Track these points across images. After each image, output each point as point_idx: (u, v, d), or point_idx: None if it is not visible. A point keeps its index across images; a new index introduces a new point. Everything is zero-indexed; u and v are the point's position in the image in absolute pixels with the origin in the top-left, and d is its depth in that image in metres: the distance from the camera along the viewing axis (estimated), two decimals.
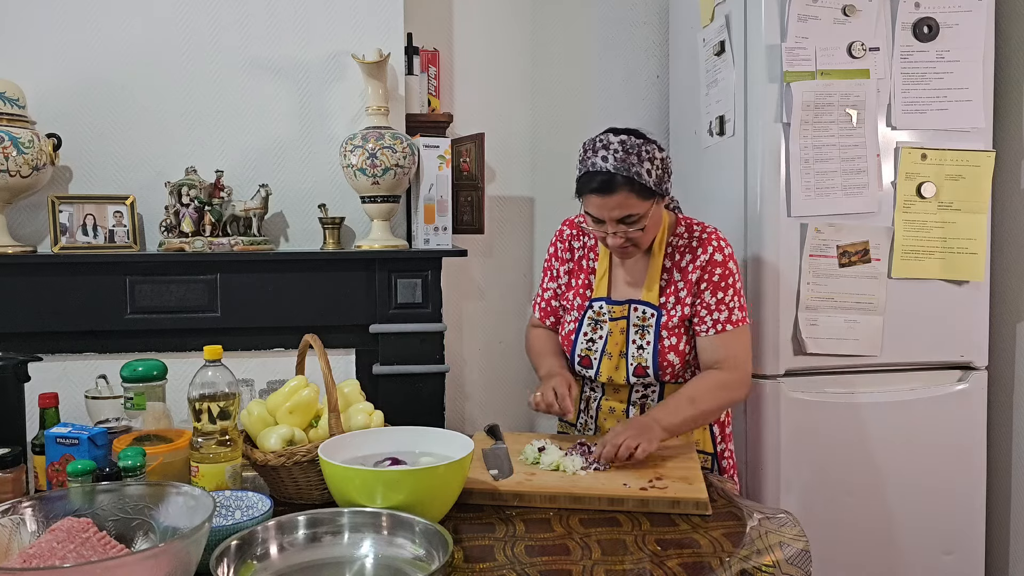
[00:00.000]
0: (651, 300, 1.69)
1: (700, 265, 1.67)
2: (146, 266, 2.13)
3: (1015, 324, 2.30)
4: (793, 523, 1.30)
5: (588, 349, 1.73)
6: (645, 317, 1.69)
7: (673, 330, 1.68)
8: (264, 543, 1.10)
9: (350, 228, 2.34)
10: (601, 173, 1.56)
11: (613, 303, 1.72)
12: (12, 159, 2.00)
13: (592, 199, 1.59)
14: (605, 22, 2.80)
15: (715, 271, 1.67)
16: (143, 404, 1.51)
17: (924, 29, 2.10)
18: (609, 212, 1.58)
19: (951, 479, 2.18)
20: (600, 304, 1.73)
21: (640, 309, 1.70)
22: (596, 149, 1.58)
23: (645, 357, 1.68)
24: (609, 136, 1.59)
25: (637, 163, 1.55)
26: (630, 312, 1.71)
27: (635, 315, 1.70)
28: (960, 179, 2.12)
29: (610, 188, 1.55)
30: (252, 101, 2.28)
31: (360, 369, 2.26)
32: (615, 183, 1.55)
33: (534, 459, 1.51)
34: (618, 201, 1.56)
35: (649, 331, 1.68)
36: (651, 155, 1.57)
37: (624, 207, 1.57)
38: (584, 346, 1.74)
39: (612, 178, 1.55)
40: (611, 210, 1.58)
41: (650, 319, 1.69)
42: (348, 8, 2.30)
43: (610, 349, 1.71)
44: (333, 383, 1.39)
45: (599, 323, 1.73)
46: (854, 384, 2.15)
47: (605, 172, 1.55)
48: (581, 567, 1.12)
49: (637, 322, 1.70)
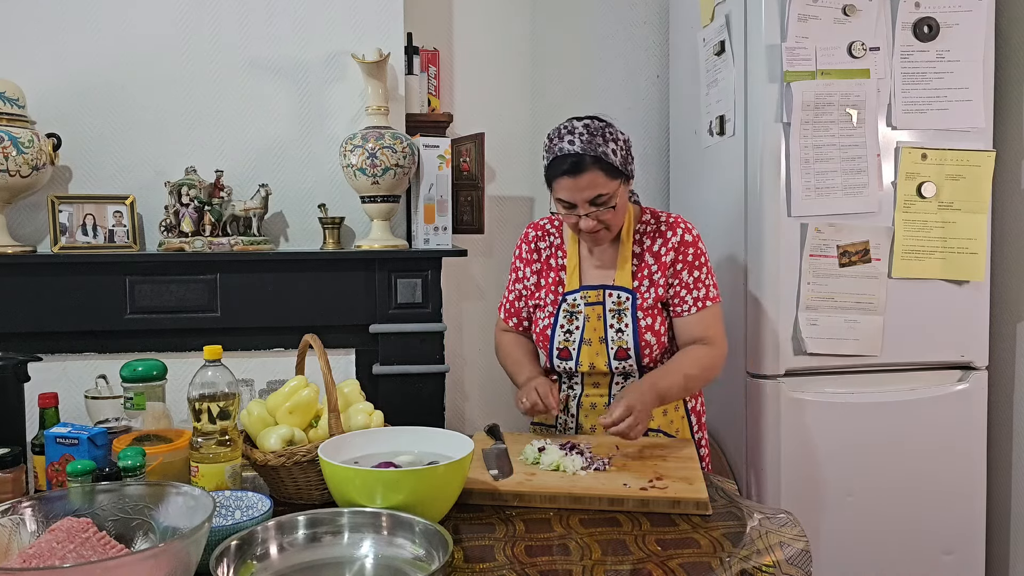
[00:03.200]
0: (624, 284, 1.73)
1: (673, 247, 1.73)
2: (146, 266, 2.13)
3: (1015, 324, 2.30)
4: (793, 523, 1.30)
5: (566, 340, 1.76)
6: (620, 301, 1.73)
7: (649, 311, 1.72)
8: (264, 543, 1.09)
9: (350, 228, 2.34)
10: (570, 155, 1.61)
11: (588, 288, 1.76)
12: (12, 159, 2.00)
13: (563, 182, 1.64)
14: (605, 22, 2.80)
15: (688, 251, 1.73)
16: (143, 404, 1.52)
17: (924, 29, 2.10)
18: (580, 193, 1.63)
19: (951, 479, 2.18)
20: (574, 296, 1.76)
21: (615, 294, 1.74)
22: (562, 135, 1.64)
23: (625, 339, 1.71)
24: (573, 122, 1.66)
25: (603, 143, 1.62)
26: (605, 297, 1.74)
27: (610, 300, 1.74)
28: (960, 179, 2.12)
29: (580, 168, 1.61)
30: (252, 101, 2.28)
31: (360, 369, 2.26)
32: (584, 163, 1.61)
33: (534, 459, 1.51)
34: (588, 180, 1.62)
35: (626, 314, 1.72)
36: (615, 136, 1.65)
37: (594, 187, 1.62)
38: (562, 338, 1.76)
39: (581, 159, 1.61)
40: (582, 191, 1.63)
41: (625, 302, 1.73)
42: (348, 8, 2.30)
43: (588, 335, 1.74)
44: (333, 383, 1.39)
45: (574, 314, 1.76)
46: (854, 384, 2.15)
47: (574, 154, 1.61)
48: (581, 567, 1.12)
49: (613, 307, 1.73)
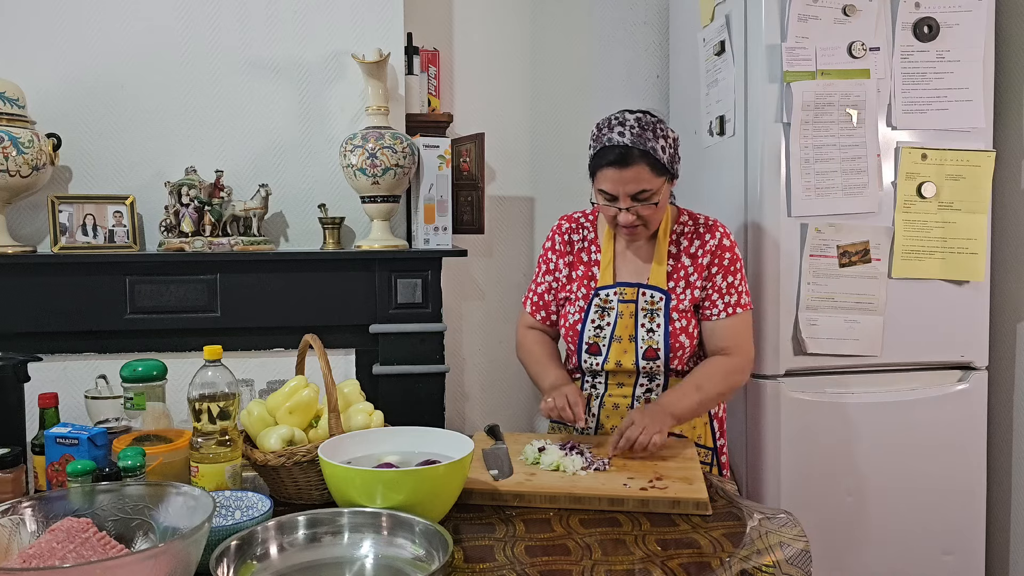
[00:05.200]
0: (659, 284, 1.72)
1: (710, 250, 1.71)
2: (146, 266, 2.13)
3: (1015, 324, 2.30)
4: (793, 523, 1.30)
5: (596, 336, 1.74)
6: (654, 301, 1.71)
7: (683, 313, 1.70)
8: (264, 543, 1.10)
9: (350, 228, 2.34)
10: (618, 147, 1.60)
11: (624, 285, 1.74)
12: (12, 159, 2.00)
13: (607, 173, 1.62)
14: (605, 22, 2.80)
15: (725, 255, 1.71)
16: (143, 404, 1.51)
17: (924, 29, 2.10)
18: (624, 186, 1.61)
19: (951, 479, 2.17)
20: (607, 292, 1.74)
21: (648, 294, 1.72)
22: (612, 126, 1.62)
23: (656, 339, 1.70)
24: (625, 114, 1.64)
25: (652, 139, 1.60)
26: (639, 296, 1.73)
27: (643, 299, 1.72)
28: (960, 179, 2.12)
29: (627, 161, 1.59)
30: (252, 101, 2.28)
31: (360, 369, 2.26)
32: (632, 156, 1.59)
33: (534, 459, 1.51)
34: (634, 174, 1.60)
35: (659, 314, 1.71)
36: (665, 133, 1.63)
37: (639, 181, 1.61)
38: (592, 333, 1.75)
39: (629, 151, 1.59)
40: (626, 184, 1.61)
41: (659, 303, 1.71)
42: (348, 8, 2.30)
43: (619, 333, 1.72)
44: (333, 383, 1.39)
45: (606, 310, 1.74)
46: (854, 384, 2.15)
47: (622, 146, 1.59)
48: (581, 567, 1.12)
49: (646, 306, 1.72)
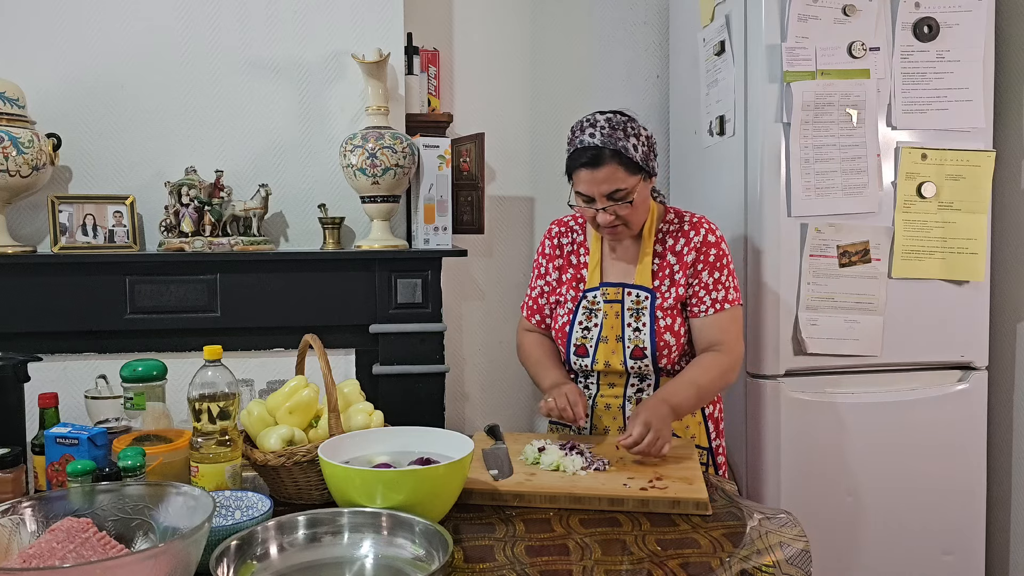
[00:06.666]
0: (644, 283, 1.73)
1: (695, 246, 1.72)
2: (146, 266, 2.13)
3: (1015, 324, 2.30)
4: (793, 523, 1.30)
5: (584, 337, 1.75)
6: (639, 300, 1.72)
7: (668, 311, 1.71)
8: (264, 543, 1.10)
9: (350, 228, 2.34)
10: (590, 148, 1.62)
11: (607, 285, 1.75)
12: (12, 159, 2.00)
13: (581, 174, 1.64)
14: (605, 22, 2.80)
15: (710, 251, 1.72)
16: (143, 404, 1.51)
17: (924, 29, 2.10)
18: (598, 187, 1.63)
19: (951, 479, 2.17)
20: (594, 294, 1.76)
21: (634, 293, 1.73)
22: (584, 127, 1.65)
23: (642, 339, 1.70)
24: (596, 115, 1.67)
25: (623, 137, 1.62)
26: (624, 296, 1.73)
27: (629, 299, 1.73)
28: (960, 179, 2.12)
29: (598, 161, 1.61)
30: (252, 101, 2.28)
31: (360, 369, 2.26)
32: (603, 156, 1.61)
33: (534, 459, 1.51)
34: (606, 174, 1.62)
35: (644, 313, 1.71)
36: (636, 131, 1.65)
37: (612, 181, 1.62)
38: (580, 335, 1.76)
39: (600, 152, 1.61)
40: (600, 184, 1.63)
41: (644, 302, 1.72)
42: (348, 8, 2.30)
43: (606, 333, 1.73)
44: (333, 383, 1.39)
45: (593, 312, 1.76)
46: (854, 384, 2.15)
47: (593, 146, 1.62)
48: (581, 567, 1.12)
49: (632, 305, 1.73)
